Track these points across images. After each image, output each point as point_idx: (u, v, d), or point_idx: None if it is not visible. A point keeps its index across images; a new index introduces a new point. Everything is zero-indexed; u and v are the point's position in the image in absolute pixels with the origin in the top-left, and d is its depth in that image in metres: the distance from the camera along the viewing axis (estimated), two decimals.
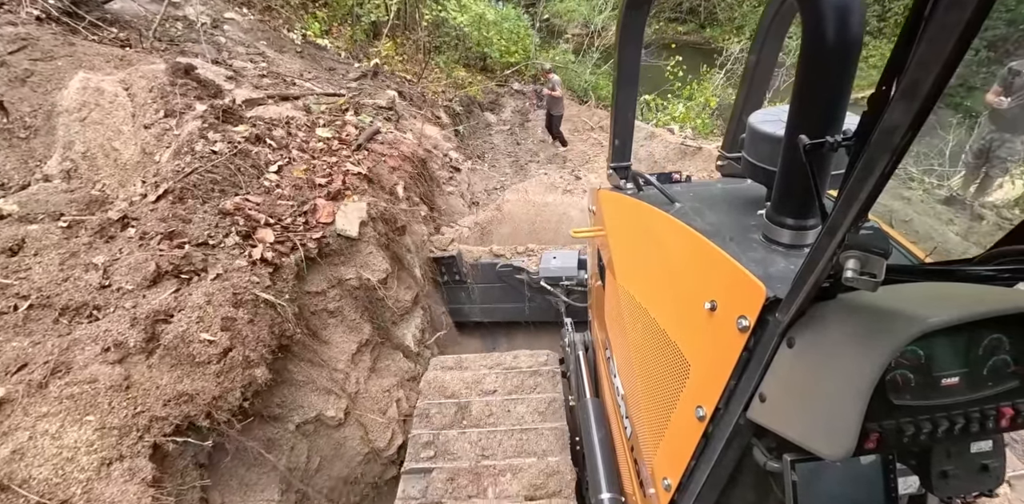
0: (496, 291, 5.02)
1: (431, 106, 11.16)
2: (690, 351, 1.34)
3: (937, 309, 0.83)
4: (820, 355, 0.91)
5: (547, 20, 23.33)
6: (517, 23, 16.74)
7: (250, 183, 3.40)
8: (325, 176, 3.85)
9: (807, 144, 1.00)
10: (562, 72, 17.55)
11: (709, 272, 1.30)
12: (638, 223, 1.90)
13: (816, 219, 1.23)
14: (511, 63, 17.49)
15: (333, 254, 3.42)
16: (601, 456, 2.38)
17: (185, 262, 2.69)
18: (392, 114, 6.68)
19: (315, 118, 5.18)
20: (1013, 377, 0.95)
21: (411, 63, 14.20)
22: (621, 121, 2.20)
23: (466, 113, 13.75)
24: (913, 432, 0.92)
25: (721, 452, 1.16)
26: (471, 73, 16.92)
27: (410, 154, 5.60)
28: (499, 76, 17.65)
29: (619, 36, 2.02)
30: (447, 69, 14.97)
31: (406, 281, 4.27)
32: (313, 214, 3.35)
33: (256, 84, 5.92)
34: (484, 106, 15.74)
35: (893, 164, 0.64)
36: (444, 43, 16.59)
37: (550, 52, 19.44)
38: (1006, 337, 0.93)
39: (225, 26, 8.36)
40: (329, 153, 4.40)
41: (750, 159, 1.50)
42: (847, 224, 0.73)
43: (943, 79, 0.54)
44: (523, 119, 15.86)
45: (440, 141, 8.01)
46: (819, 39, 0.99)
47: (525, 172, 11.05)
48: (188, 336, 2.45)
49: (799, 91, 1.08)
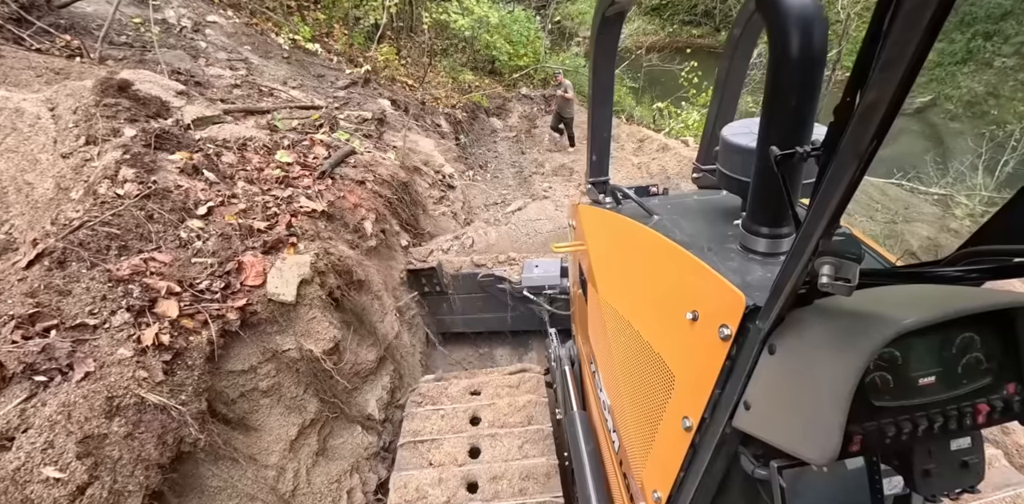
0: (478, 301, 4.87)
1: (430, 114, 10.47)
2: (674, 362, 1.32)
3: (910, 311, 0.84)
4: (801, 360, 0.90)
5: (558, 22, 22.54)
6: (527, 25, 15.98)
7: (164, 234, 2.72)
8: (267, 218, 3.17)
9: (778, 155, 1.01)
10: (572, 76, 16.80)
11: (689, 282, 1.30)
12: (618, 237, 1.90)
13: (790, 227, 1.24)
14: (520, 66, 16.75)
15: (264, 323, 2.73)
16: (590, 470, 2.31)
17: (45, 357, 2.02)
18: (375, 129, 5.99)
19: (279, 138, 4.50)
20: (986, 374, 0.95)
21: (415, 67, 13.52)
22: (597, 137, 2.19)
23: (470, 120, 13.03)
24: (895, 433, 0.91)
25: (709, 462, 1.14)
26: (478, 76, 16.21)
27: (389, 177, 4.91)
28: (507, 79, 16.93)
29: (593, 56, 2.00)
30: (453, 73, 14.27)
31: (369, 338, 3.58)
32: (238, 274, 2.67)
33: (222, 97, 5.26)
34: (490, 111, 15.02)
35: (861, 172, 0.65)
36: (451, 46, 15.89)
37: (560, 56, 18.68)
38: (977, 335, 0.93)
39: (207, 30, 7.72)
40: (284, 184, 3.72)
41: (724, 171, 1.51)
42: (820, 231, 0.73)
43: (903, 90, 0.56)
44: (530, 125, 15.10)
45: (433, 155, 7.31)
46: (785, 52, 1.01)
47: (528, 185, 10.31)
48: (23, 475, 1.77)
49: (768, 103, 1.09)
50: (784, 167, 1.01)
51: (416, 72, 13.01)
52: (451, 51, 15.71)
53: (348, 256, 3.39)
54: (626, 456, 1.75)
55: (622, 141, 11.46)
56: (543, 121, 15.31)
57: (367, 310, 3.53)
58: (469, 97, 13.12)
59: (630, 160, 9.74)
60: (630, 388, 1.64)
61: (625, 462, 1.78)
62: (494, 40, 13.57)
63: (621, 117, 14.09)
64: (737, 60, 1.84)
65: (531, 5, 22.13)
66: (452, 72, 14.10)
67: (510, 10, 17.09)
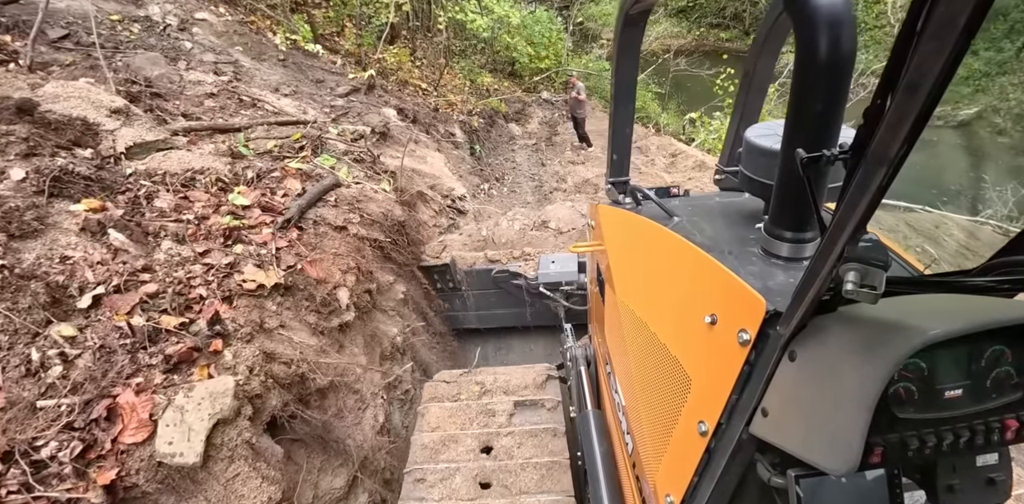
0: (492, 297, 4.72)
1: (443, 122, 9.42)
2: (691, 366, 1.27)
3: (938, 321, 0.79)
4: (822, 368, 0.86)
5: (580, 24, 21.35)
6: (549, 26, 14.86)
7: (6, 356, 1.72)
8: (185, 308, 2.15)
9: (804, 158, 0.97)
10: (595, 80, 15.67)
11: (709, 286, 1.25)
12: (637, 238, 1.85)
13: (814, 232, 1.21)
14: (541, 69, 15.64)
15: (158, 493, 1.73)
16: (603, 471, 2.19)
17: None
18: (375, 145, 4.97)
19: (243, 168, 3.49)
20: (1016, 389, 0.90)
21: (430, 69, 12.48)
22: (619, 136, 2.13)
23: (487, 127, 11.97)
24: (918, 446, 0.88)
25: (724, 468, 1.08)
26: (497, 79, 15.12)
27: (382, 216, 3.88)
28: (527, 82, 15.82)
29: (616, 54, 1.95)
30: (471, 75, 13.20)
31: (336, 458, 2.57)
32: (108, 426, 1.67)
33: (186, 111, 4.26)
34: (509, 116, 13.92)
35: (890, 177, 0.62)
36: (470, 47, 14.81)
37: (583, 58, 17.52)
38: (1008, 349, 0.88)
39: (195, 28, 6.74)
40: (230, 240, 2.71)
41: (747, 173, 1.46)
42: (846, 237, 0.70)
43: (938, 92, 0.53)
44: (551, 132, 13.98)
45: (442, 175, 6.28)
46: (813, 52, 0.97)
47: (549, 202, 9.23)
48: None
49: (794, 105, 1.05)
50: (810, 170, 0.98)
51: (431, 74, 11.97)
52: (469, 52, 14.65)
53: (304, 355, 2.37)
54: (639, 459, 1.68)
55: (652, 154, 10.32)
56: (564, 127, 14.20)
57: (332, 425, 2.51)
58: (487, 102, 12.05)
59: (662, 177, 8.61)
60: (645, 390, 1.59)
61: (638, 465, 1.70)
62: (515, 42, 12.48)
63: (649, 126, 12.93)
64: (763, 60, 1.76)
65: (553, 5, 20.97)
66: (470, 74, 13.03)
67: (531, 10, 15.97)
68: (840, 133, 1.05)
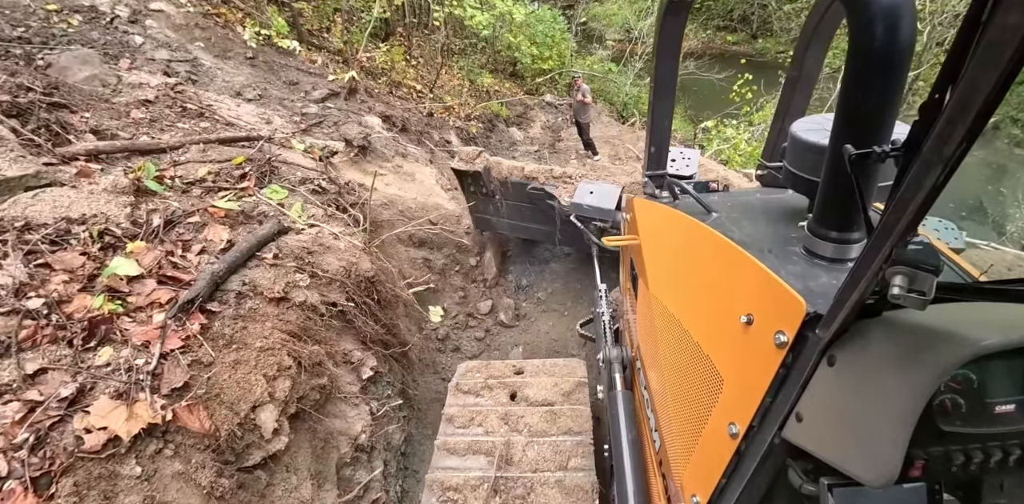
0: (525, 210, 4.56)
1: (438, 129, 8.40)
2: (724, 365, 1.20)
3: (991, 331, 0.73)
4: (863, 375, 0.81)
5: (584, 24, 20.23)
6: (553, 26, 13.81)
7: None
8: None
9: (853, 154, 0.91)
10: (601, 83, 14.64)
11: (746, 285, 1.18)
12: (673, 233, 1.77)
13: (861, 232, 1.14)
14: (544, 70, 14.59)
15: None
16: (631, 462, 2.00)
17: None
18: (332, 178, 3.96)
19: (148, 211, 2.50)
20: None
21: (427, 69, 11.42)
22: (657, 129, 2.07)
23: (486, 131, 10.94)
24: (963, 461, 0.83)
25: (754, 472, 1.03)
26: (498, 80, 14.06)
27: (343, 271, 2.88)
28: (529, 84, 14.76)
29: (656, 44, 1.86)
30: (470, 75, 12.15)
31: None
32: None
33: (96, 126, 3.24)
34: (510, 120, 12.87)
35: (946, 176, 0.58)
36: (470, 46, 13.73)
37: (587, 59, 16.47)
38: None
39: (148, 21, 5.70)
40: (92, 342, 1.72)
41: (792, 169, 1.40)
42: (895, 238, 0.66)
43: (1003, 86, 0.48)
44: (554, 138, 12.93)
45: (432, 193, 5.28)
46: (867, 44, 0.90)
47: None
48: None
49: (845, 99, 0.98)
50: (858, 167, 0.92)
51: (427, 75, 10.92)
52: (469, 51, 13.58)
53: None
54: (667, 457, 1.57)
55: None
56: (568, 132, 13.18)
57: None
58: (486, 105, 11.02)
59: None
60: (675, 388, 1.49)
61: (665, 462, 1.60)
62: (518, 41, 11.45)
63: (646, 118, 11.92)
64: (811, 52, 1.67)
65: (557, 4, 19.83)
66: (470, 74, 11.98)
67: (533, 9, 14.90)
68: (893, 129, 0.96)
